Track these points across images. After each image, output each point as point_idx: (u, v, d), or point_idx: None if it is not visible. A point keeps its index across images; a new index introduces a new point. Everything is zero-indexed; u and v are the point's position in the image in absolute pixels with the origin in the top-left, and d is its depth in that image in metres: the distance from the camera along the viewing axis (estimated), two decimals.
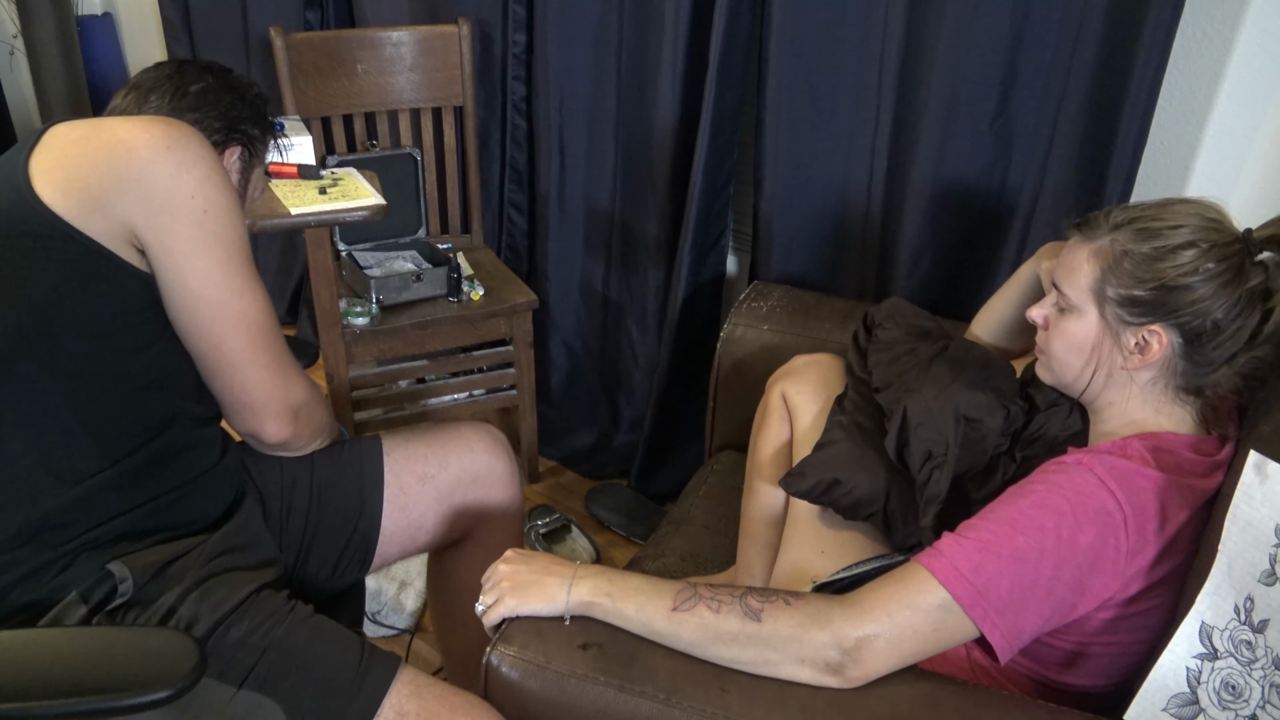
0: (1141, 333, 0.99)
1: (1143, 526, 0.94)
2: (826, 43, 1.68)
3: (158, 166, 1.00)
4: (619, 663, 0.96)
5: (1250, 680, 0.86)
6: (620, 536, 2.15)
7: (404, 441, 1.33)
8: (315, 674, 1.02)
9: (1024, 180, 1.62)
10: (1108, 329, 1.01)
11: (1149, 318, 0.98)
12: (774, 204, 1.84)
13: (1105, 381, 1.04)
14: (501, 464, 1.37)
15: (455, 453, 1.34)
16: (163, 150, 1.00)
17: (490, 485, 1.36)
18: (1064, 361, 1.06)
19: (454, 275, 2.03)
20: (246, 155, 1.24)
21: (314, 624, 1.07)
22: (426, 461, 1.32)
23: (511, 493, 1.38)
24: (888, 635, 0.92)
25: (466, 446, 1.35)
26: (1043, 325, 1.09)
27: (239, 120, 1.21)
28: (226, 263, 1.05)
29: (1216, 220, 0.99)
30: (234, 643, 1.01)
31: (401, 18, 2.26)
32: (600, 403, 2.36)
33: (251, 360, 1.09)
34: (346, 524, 1.27)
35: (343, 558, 1.28)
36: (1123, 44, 1.44)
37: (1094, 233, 1.02)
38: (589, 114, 2.08)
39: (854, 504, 1.22)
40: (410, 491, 1.31)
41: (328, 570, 1.27)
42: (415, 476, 1.31)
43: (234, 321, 1.06)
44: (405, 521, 1.30)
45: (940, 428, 1.16)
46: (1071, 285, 1.03)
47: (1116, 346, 1.01)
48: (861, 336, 1.40)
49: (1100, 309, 1.01)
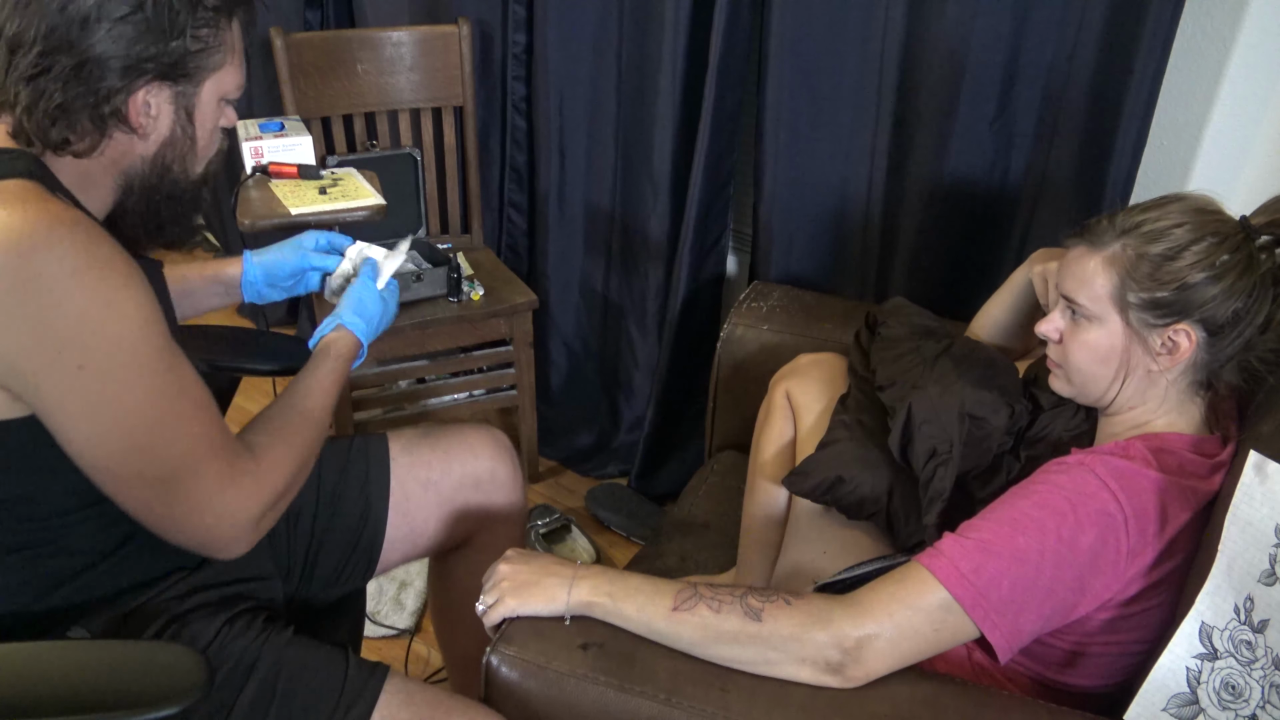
0: (1168, 333, 0.99)
1: (1143, 527, 0.94)
2: (826, 43, 1.68)
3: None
4: (619, 663, 0.96)
5: (1250, 680, 0.86)
6: (620, 536, 2.14)
7: (408, 445, 1.32)
8: (299, 700, 0.99)
9: (1024, 180, 1.62)
10: (1134, 334, 1.00)
11: (1174, 317, 0.98)
12: (774, 204, 1.84)
13: (1134, 387, 1.03)
14: (504, 468, 1.35)
15: (458, 457, 1.32)
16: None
17: (493, 489, 1.34)
18: (1090, 373, 1.04)
19: (454, 275, 2.03)
20: (172, 84, 0.91)
21: (293, 647, 1.04)
22: (429, 466, 1.31)
23: (514, 497, 1.37)
24: (888, 635, 0.92)
25: (470, 450, 1.33)
26: (1056, 339, 1.07)
27: (119, 52, 0.86)
28: (118, 421, 0.84)
29: (1215, 212, 1.00)
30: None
31: (401, 18, 2.25)
32: (600, 403, 2.36)
33: (186, 500, 0.90)
34: (351, 531, 1.26)
35: (346, 565, 1.26)
36: (1123, 44, 1.44)
37: (1101, 240, 1.01)
38: (589, 114, 2.08)
39: (857, 503, 1.22)
40: (413, 497, 1.29)
41: (331, 578, 1.26)
42: (418, 482, 1.30)
43: (151, 479, 0.88)
44: (407, 528, 1.29)
45: (945, 425, 1.16)
46: (1088, 295, 1.02)
47: (1144, 350, 1.00)
48: (864, 335, 1.40)
49: (1123, 315, 1.00)
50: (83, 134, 0.89)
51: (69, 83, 0.86)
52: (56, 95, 0.86)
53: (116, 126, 0.90)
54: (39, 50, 0.84)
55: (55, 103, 0.86)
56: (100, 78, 0.86)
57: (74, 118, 0.87)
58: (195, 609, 1.04)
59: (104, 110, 0.88)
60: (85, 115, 0.88)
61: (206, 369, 1.38)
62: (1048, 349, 1.10)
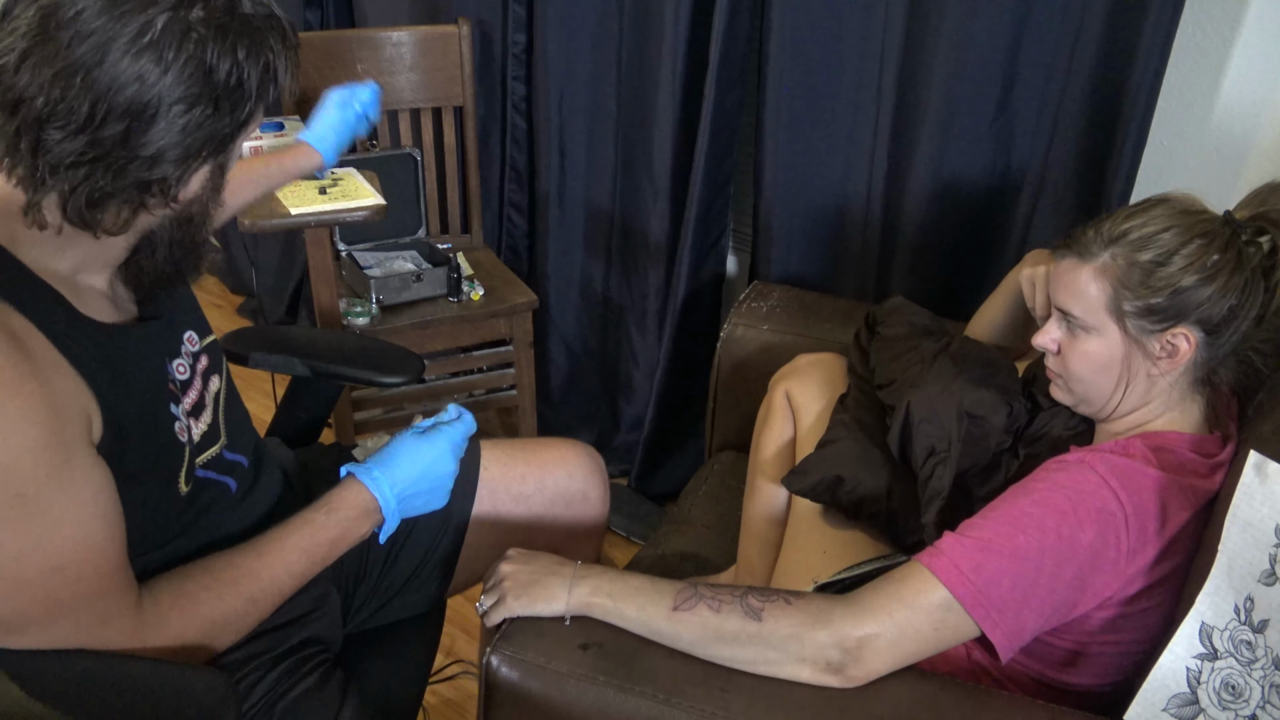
0: (1166, 337, 0.98)
1: (1144, 525, 0.94)
2: (826, 43, 1.68)
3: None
4: (619, 663, 0.96)
5: (1250, 680, 0.86)
6: (620, 536, 2.14)
7: (502, 455, 1.28)
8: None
9: (1024, 180, 1.62)
10: (1132, 342, 1.00)
11: (1171, 321, 0.98)
12: (774, 204, 1.84)
13: (1137, 392, 1.03)
14: (596, 489, 1.33)
15: (553, 474, 1.29)
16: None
17: (583, 507, 1.31)
18: (1091, 382, 1.04)
19: (454, 275, 2.03)
20: (222, 155, 0.84)
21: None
22: (524, 481, 1.28)
23: (601, 514, 1.34)
24: (889, 634, 0.92)
25: (565, 468, 1.30)
26: (1054, 350, 1.07)
27: (177, 141, 0.77)
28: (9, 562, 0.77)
29: (1200, 212, 1.00)
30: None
31: (401, 18, 2.26)
32: (600, 403, 2.36)
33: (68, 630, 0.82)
34: (434, 533, 1.22)
35: (420, 570, 1.22)
36: (1123, 44, 1.44)
37: (1089, 251, 1.01)
38: (589, 114, 2.08)
39: (856, 502, 1.22)
40: (503, 509, 1.26)
41: (403, 583, 1.22)
42: (510, 495, 1.27)
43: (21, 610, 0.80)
44: (494, 538, 1.25)
45: (943, 423, 1.16)
46: (1083, 307, 1.01)
47: (1144, 356, 1.00)
48: (864, 335, 1.40)
49: (1120, 324, 1.00)
50: (117, 216, 0.81)
51: (119, 175, 0.76)
52: (105, 186, 0.76)
53: (156, 206, 0.82)
54: (87, 139, 0.74)
55: (102, 193, 0.77)
56: (154, 167, 0.77)
57: (115, 204, 0.79)
58: (248, 659, 1.00)
59: (150, 196, 0.80)
60: (127, 201, 0.79)
61: (309, 374, 1.37)
62: (1046, 359, 1.09)
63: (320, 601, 1.10)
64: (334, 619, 1.13)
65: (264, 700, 1.00)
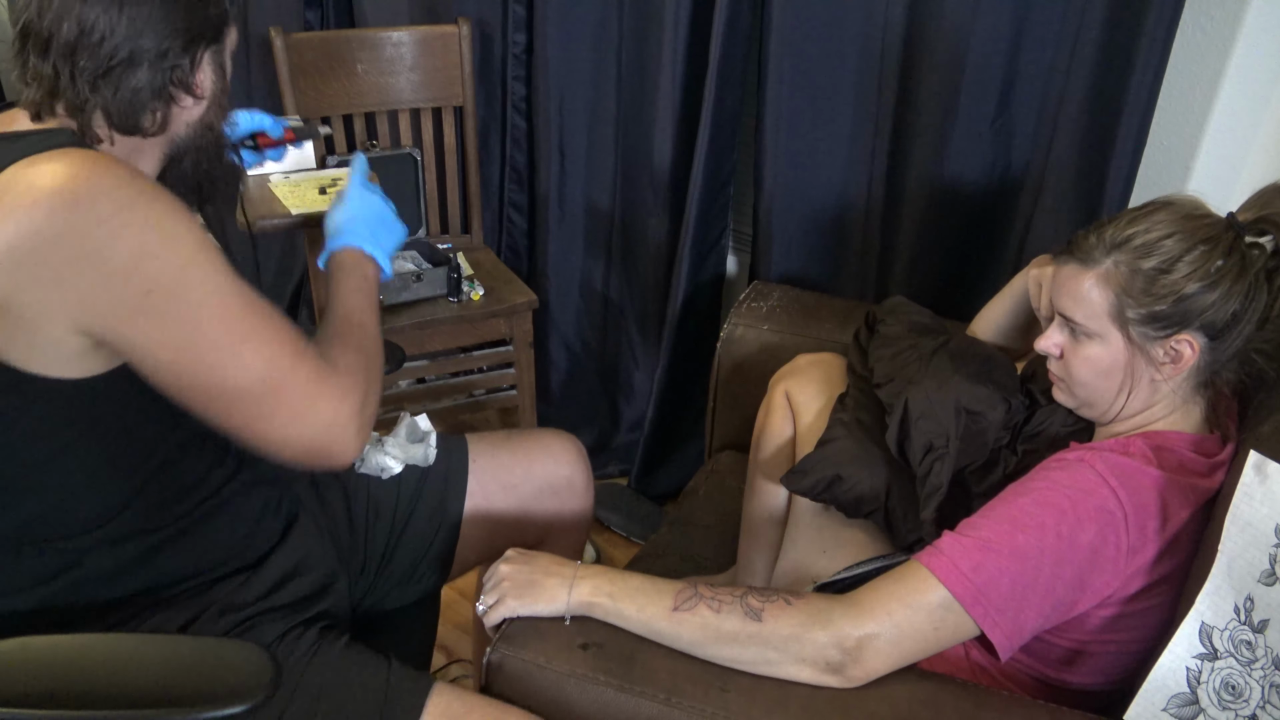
0: (1170, 343, 0.98)
1: (1143, 524, 0.94)
2: (826, 43, 1.68)
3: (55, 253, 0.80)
4: (619, 663, 0.96)
5: (1250, 680, 0.86)
6: (620, 536, 2.14)
7: (489, 448, 1.32)
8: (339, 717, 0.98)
9: (1024, 180, 1.62)
10: (1135, 348, 0.99)
11: (1175, 328, 0.97)
12: (774, 204, 1.84)
13: (1140, 397, 1.02)
14: (581, 477, 1.36)
15: (540, 462, 1.33)
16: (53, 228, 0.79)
17: (569, 496, 1.35)
18: (1094, 386, 1.03)
19: (454, 275, 2.03)
20: (216, 44, 0.96)
21: (338, 663, 1.02)
22: (511, 471, 1.32)
23: (585, 505, 1.38)
24: (888, 634, 0.92)
25: (551, 457, 1.34)
26: (1057, 355, 1.06)
27: (181, 26, 0.89)
28: (198, 337, 0.86)
29: (1203, 216, 0.99)
30: None
31: (401, 18, 2.25)
32: (600, 403, 2.36)
33: (283, 411, 0.90)
34: (428, 531, 1.26)
35: (421, 564, 1.26)
36: (1123, 44, 1.44)
37: (1091, 257, 1.00)
38: (589, 114, 2.08)
39: (855, 500, 1.22)
40: (494, 500, 1.30)
41: (404, 576, 1.26)
42: (499, 485, 1.30)
43: (243, 394, 0.88)
44: (486, 530, 1.29)
45: (941, 420, 1.16)
46: (1085, 313, 1.01)
47: (1147, 361, 1.00)
48: (863, 334, 1.40)
49: (1123, 331, 0.99)
50: (154, 116, 0.92)
51: (141, 69, 0.88)
52: (136, 84, 0.88)
53: (180, 99, 0.93)
54: (108, 47, 0.86)
55: (133, 91, 0.89)
56: (170, 55, 0.89)
57: (152, 102, 0.91)
58: (264, 613, 1.03)
59: (173, 87, 0.91)
60: (158, 96, 0.91)
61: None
62: (1049, 363, 1.09)
63: (332, 578, 1.14)
64: (343, 598, 1.16)
65: (300, 661, 1.02)
